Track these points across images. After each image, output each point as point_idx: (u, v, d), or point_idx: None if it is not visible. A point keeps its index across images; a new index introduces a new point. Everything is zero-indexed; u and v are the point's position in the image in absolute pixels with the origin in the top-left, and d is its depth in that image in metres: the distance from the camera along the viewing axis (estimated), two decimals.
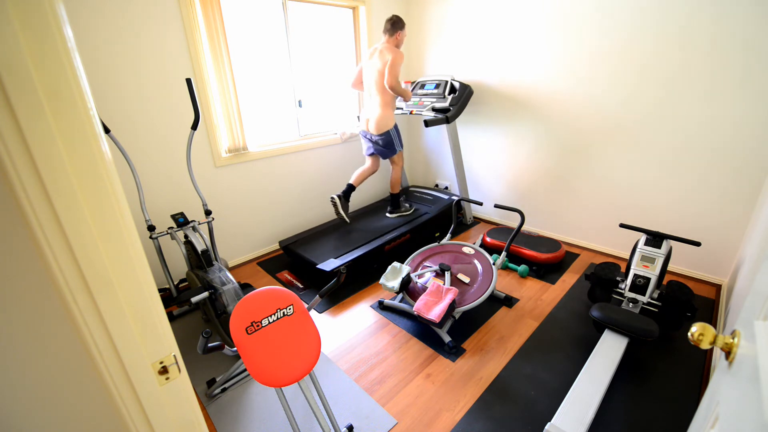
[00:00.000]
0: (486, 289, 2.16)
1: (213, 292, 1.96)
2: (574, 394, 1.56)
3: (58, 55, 0.52)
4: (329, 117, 3.48)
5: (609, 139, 2.67)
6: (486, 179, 3.59)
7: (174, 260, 2.63)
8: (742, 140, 2.16)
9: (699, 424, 0.89)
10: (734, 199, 2.28)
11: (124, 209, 0.63)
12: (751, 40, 2.00)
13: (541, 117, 2.99)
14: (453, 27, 3.34)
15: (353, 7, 3.34)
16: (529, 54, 2.91)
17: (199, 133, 2.58)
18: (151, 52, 2.25)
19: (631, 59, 2.42)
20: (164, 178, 2.48)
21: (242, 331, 1.25)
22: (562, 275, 2.69)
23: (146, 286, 0.67)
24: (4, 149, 0.50)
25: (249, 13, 2.73)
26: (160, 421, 0.73)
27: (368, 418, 1.64)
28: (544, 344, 2.03)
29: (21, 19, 0.48)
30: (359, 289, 2.63)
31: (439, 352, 2.01)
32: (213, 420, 1.67)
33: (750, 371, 0.60)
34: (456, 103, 3.01)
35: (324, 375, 1.88)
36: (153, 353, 0.70)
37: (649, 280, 2.04)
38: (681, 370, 1.82)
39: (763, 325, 0.65)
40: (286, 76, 3.04)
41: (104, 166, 0.59)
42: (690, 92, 2.26)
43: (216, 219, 2.75)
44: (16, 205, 0.55)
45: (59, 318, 0.70)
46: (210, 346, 1.42)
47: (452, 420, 1.62)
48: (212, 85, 2.58)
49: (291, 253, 2.91)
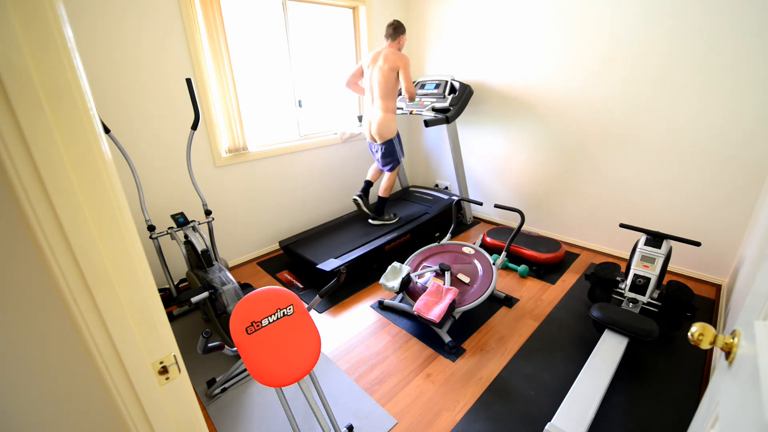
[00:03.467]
0: (486, 289, 2.16)
1: (213, 292, 1.96)
2: (574, 394, 1.56)
3: (58, 55, 0.52)
4: (329, 117, 3.48)
5: (609, 139, 2.67)
6: (486, 179, 3.59)
7: (174, 260, 2.63)
8: (742, 140, 2.16)
9: (699, 424, 0.89)
10: (734, 199, 2.27)
11: (124, 209, 0.63)
12: (751, 42, 2.00)
13: (541, 117, 2.99)
14: (453, 27, 3.34)
15: (353, 7, 3.34)
16: (529, 54, 2.91)
17: (199, 133, 2.58)
18: (151, 52, 2.25)
19: (632, 60, 2.42)
20: (164, 178, 2.48)
21: (242, 331, 1.25)
22: (562, 275, 2.69)
23: (146, 286, 0.67)
24: (4, 149, 0.50)
25: (249, 13, 2.73)
26: (160, 421, 0.73)
27: (368, 418, 1.64)
28: (544, 344, 2.03)
29: (21, 19, 0.48)
30: (359, 289, 2.63)
31: (439, 352, 2.01)
32: (213, 420, 1.67)
33: (750, 371, 0.60)
34: (456, 103, 3.01)
35: (324, 375, 1.88)
36: (153, 353, 0.70)
37: (649, 280, 2.04)
38: (681, 370, 1.82)
39: (763, 325, 0.65)
40: (286, 76, 3.04)
41: (104, 166, 0.59)
42: (690, 93, 2.26)
43: (216, 219, 2.76)
44: (16, 205, 0.55)
45: (59, 318, 0.70)
46: (210, 346, 1.42)
47: (452, 420, 1.62)
48: (212, 85, 2.58)
49: (291, 253, 2.91)
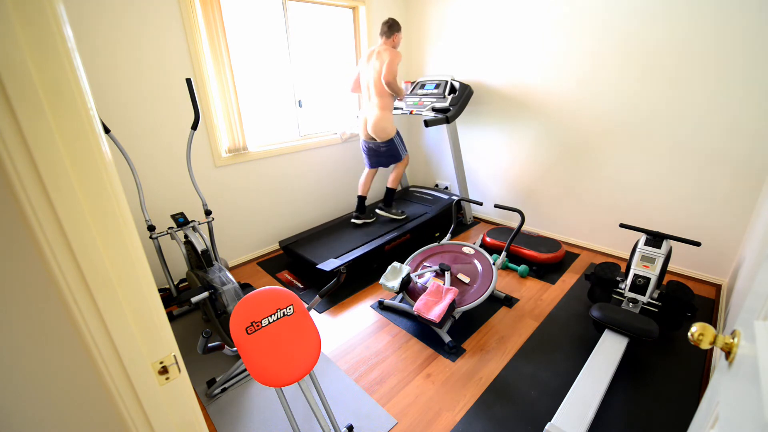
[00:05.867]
0: (486, 289, 2.16)
1: (213, 292, 1.96)
2: (574, 394, 1.56)
3: (58, 55, 0.52)
4: (329, 117, 3.48)
5: (609, 139, 2.67)
6: (486, 179, 3.59)
7: (174, 260, 2.63)
8: (742, 140, 2.16)
9: (699, 424, 0.89)
10: (734, 199, 2.27)
11: (124, 209, 0.63)
12: (752, 41, 2.00)
13: (541, 117, 2.99)
14: (453, 27, 3.34)
15: (353, 7, 3.34)
16: (529, 54, 2.90)
17: (199, 133, 2.58)
18: (151, 52, 2.25)
19: (633, 60, 2.42)
20: (164, 178, 2.48)
21: (242, 331, 1.25)
22: (562, 275, 2.69)
23: (146, 286, 0.67)
24: (4, 149, 0.50)
25: (249, 13, 2.73)
26: (160, 421, 0.73)
27: (368, 418, 1.64)
28: (544, 344, 2.03)
29: (21, 19, 0.48)
30: (359, 289, 2.63)
31: (439, 352, 2.01)
32: (213, 420, 1.67)
33: (750, 371, 0.60)
34: (456, 103, 3.01)
35: (324, 375, 1.88)
36: (153, 353, 0.70)
37: (649, 280, 2.04)
38: (681, 370, 1.82)
39: (763, 325, 0.65)
40: (286, 76, 3.04)
41: (104, 166, 0.59)
42: (690, 93, 2.26)
43: (216, 219, 2.76)
44: (16, 205, 0.55)
45: (59, 318, 0.70)
46: (210, 346, 1.43)
47: (452, 420, 1.62)
48: (212, 85, 2.58)
49: (291, 253, 2.91)
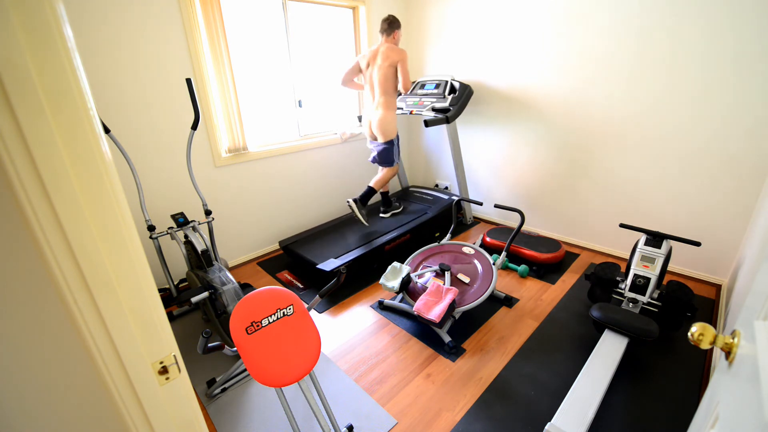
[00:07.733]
0: (486, 289, 2.16)
1: (213, 292, 1.96)
2: (574, 394, 1.56)
3: (58, 55, 0.52)
4: (329, 117, 3.48)
5: (609, 139, 2.67)
6: (486, 179, 3.59)
7: (174, 260, 2.63)
8: (741, 140, 2.16)
9: (699, 424, 0.89)
10: (734, 198, 2.27)
11: (124, 209, 0.63)
12: (747, 40, 2.00)
13: (541, 117, 2.99)
14: (453, 27, 3.34)
15: (353, 7, 3.34)
16: (529, 54, 2.90)
17: (199, 133, 2.58)
18: (151, 52, 2.25)
19: (632, 60, 2.42)
20: (164, 178, 2.48)
21: (242, 331, 1.25)
22: (562, 275, 2.69)
23: (146, 286, 0.67)
24: (4, 149, 0.50)
25: (249, 13, 2.73)
26: (160, 421, 0.73)
27: (368, 418, 1.64)
28: (544, 344, 2.03)
29: (21, 19, 0.48)
30: (359, 289, 2.63)
31: (439, 352, 2.01)
32: (213, 420, 1.67)
33: (750, 371, 0.60)
34: (456, 103, 3.01)
35: (324, 375, 1.88)
36: (153, 353, 0.70)
37: (649, 280, 2.04)
38: (681, 370, 1.82)
39: (763, 325, 0.65)
40: (286, 76, 3.04)
41: (104, 166, 0.59)
42: (690, 93, 2.26)
43: (216, 219, 2.75)
44: (16, 205, 0.55)
45: (59, 318, 0.70)
46: (210, 346, 1.42)
47: (452, 420, 1.62)
48: (212, 85, 2.58)
49: (291, 253, 2.91)
